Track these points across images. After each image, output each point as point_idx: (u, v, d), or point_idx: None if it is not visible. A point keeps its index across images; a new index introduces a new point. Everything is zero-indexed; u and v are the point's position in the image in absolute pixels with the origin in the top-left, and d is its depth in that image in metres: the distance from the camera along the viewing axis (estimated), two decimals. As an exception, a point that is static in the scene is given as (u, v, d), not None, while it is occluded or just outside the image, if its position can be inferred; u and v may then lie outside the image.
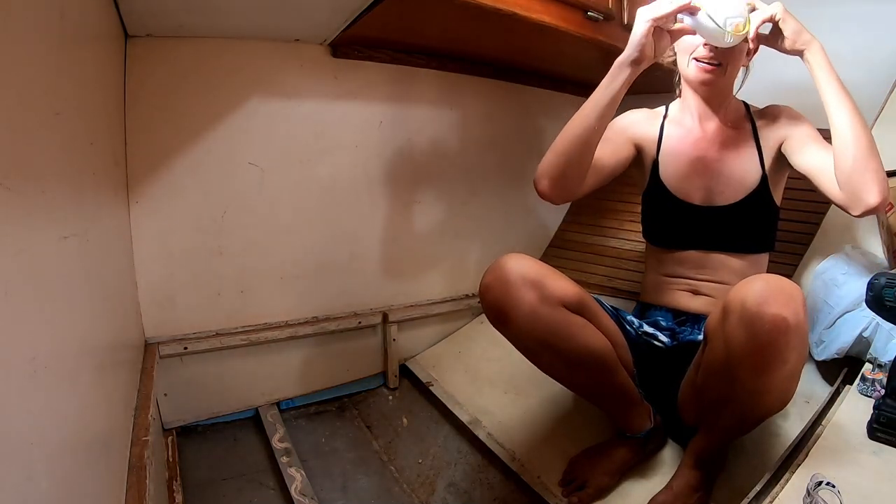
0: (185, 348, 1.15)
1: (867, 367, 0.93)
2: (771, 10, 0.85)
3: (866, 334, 0.95)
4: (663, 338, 1.01)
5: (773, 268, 1.08)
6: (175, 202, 1.12)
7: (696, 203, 1.02)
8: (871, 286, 0.81)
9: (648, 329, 1.02)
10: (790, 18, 0.85)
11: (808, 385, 1.03)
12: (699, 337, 0.97)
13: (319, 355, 1.36)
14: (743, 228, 1.00)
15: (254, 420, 1.28)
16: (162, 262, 1.13)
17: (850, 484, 0.69)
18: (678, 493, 0.87)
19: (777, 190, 1.01)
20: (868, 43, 1.27)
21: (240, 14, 1.03)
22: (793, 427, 0.94)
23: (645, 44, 0.85)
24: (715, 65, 0.91)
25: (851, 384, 0.95)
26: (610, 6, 1.22)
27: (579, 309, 0.90)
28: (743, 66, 0.98)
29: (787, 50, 0.86)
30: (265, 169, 1.21)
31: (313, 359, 1.35)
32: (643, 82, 0.92)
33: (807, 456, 0.77)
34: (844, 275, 1.01)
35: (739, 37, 0.85)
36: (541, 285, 0.85)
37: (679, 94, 1.07)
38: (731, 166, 0.99)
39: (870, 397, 0.89)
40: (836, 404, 0.91)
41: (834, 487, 0.68)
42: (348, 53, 1.25)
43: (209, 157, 1.14)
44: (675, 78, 1.06)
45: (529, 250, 1.71)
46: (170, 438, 1.13)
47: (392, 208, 1.42)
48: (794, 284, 0.73)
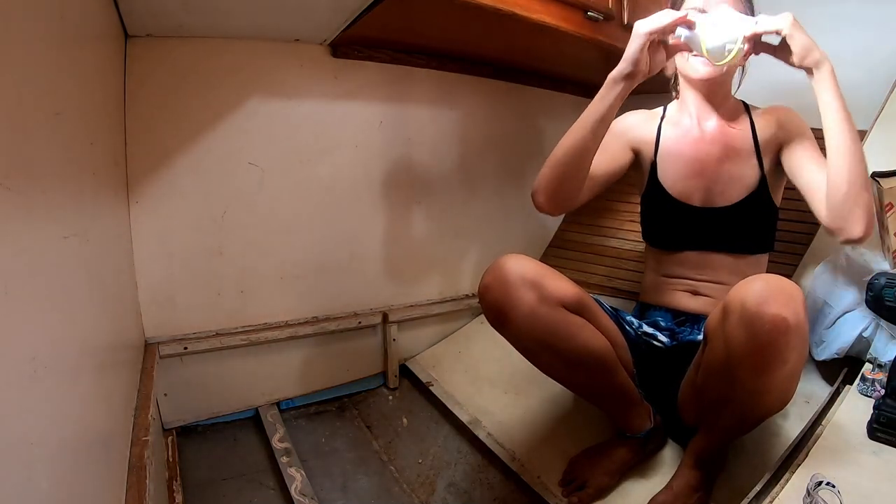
0: (185, 348, 1.15)
1: (867, 367, 0.93)
2: (778, 24, 0.80)
3: (866, 334, 0.95)
4: (663, 338, 1.01)
5: (773, 268, 1.08)
6: (175, 202, 1.12)
7: (695, 204, 1.01)
8: (871, 286, 0.81)
9: (648, 329, 1.02)
10: (799, 33, 0.79)
11: (808, 385, 1.03)
12: (699, 337, 0.97)
13: (319, 355, 1.36)
14: (742, 229, 1.00)
15: (254, 420, 1.28)
16: (162, 262, 1.13)
17: (850, 484, 0.69)
18: (678, 493, 0.87)
19: (776, 191, 1.00)
20: (868, 43, 1.27)
21: (240, 14, 1.03)
22: (793, 427, 0.94)
23: (640, 58, 0.83)
24: None
25: (851, 384, 0.95)
26: (610, 6, 1.22)
27: (579, 309, 0.90)
28: (739, 66, 0.98)
29: (795, 65, 0.82)
30: (265, 169, 1.21)
31: (313, 359, 1.35)
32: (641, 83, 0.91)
33: (807, 456, 0.77)
34: (844, 274, 1.01)
35: (734, 62, 0.84)
36: (540, 285, 0.86)
37: (676, 96, 1.07)
38: (730, 167, 0.99)
39: (870, 397, 0.89)
40: (836, 404, 0.91)
41: (834, 487, 0.68)
42: (348, 53, 1.26)
43: (209, 157, 1.14)
44: (671, 80, 1.06)
45: (529, 250, 1.71)
46: (170, 438, 1.13)
47: (392, 208, 1.42)
48: (794, 284, 0.73)
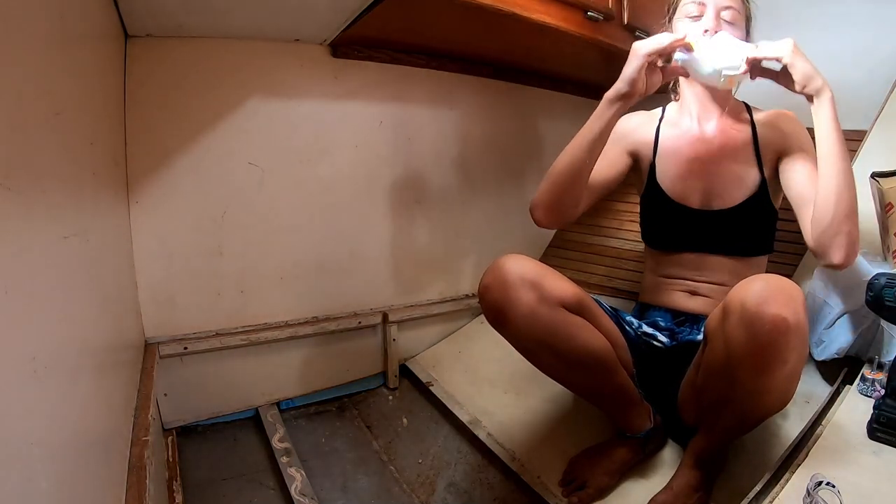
0: (185, 348, 1.15)
1: (867, 367, 0.93)
2: (779, 51, 0.79)
3: (866, 334, 0.95)
4: (662, 338, 1.01)
5: (773, 268, 1.08)
6: (175, 202, 1.12)
7: (693, 206, 1.01)
8: (871, 286, 0.81)
9: (648, 329, 1.02)
10: (800, 61, 0.79)
11: (808, 385, 1.03)
12: (698, 337, 0.97)
13: (319, 355, 1.36)
14: (741, 232, 1.00)
15: (254, 420, 1.28)
16: (162, 262, 1.13)
17: (850, 484, 0.69)
18: (678, 493, 0.87)
19: (776, 194, 1.00)
20: (868, 43, 1.27)
21: (240, 14, 1.03)
22: (793, 427, 0.94)
23: (637, 79, 0.84)
24: None
25: (851, 384, 0.95)
26: (610, 6, 1.22)
27: (578, 309, 0.90)
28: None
29: (796, 91, 0.82)
30: (265, 169, 1.21)
31: (313, 359, 1.35)
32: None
33: (807, 456, 0.77)
34: (844, 275, 1.01)
35: (731, 86, 0.85)
36: (539, 286, 0.85)
37: (676, 99, 1.07)
38: (730, 169, 0.99)
39: (870, 397, 0.89)
40: (836, 404, 0.91)
41: (834, 487, 0.68)
42: (348, 53, 1.26)
43: (209, 157, 1.14)
44: (671, 83, 1.06)
45: (529, 250, 1.71)
46: (170, 438, 1.13)
47: (392, 208, 1.42)
48: (794, 284, 0.73)
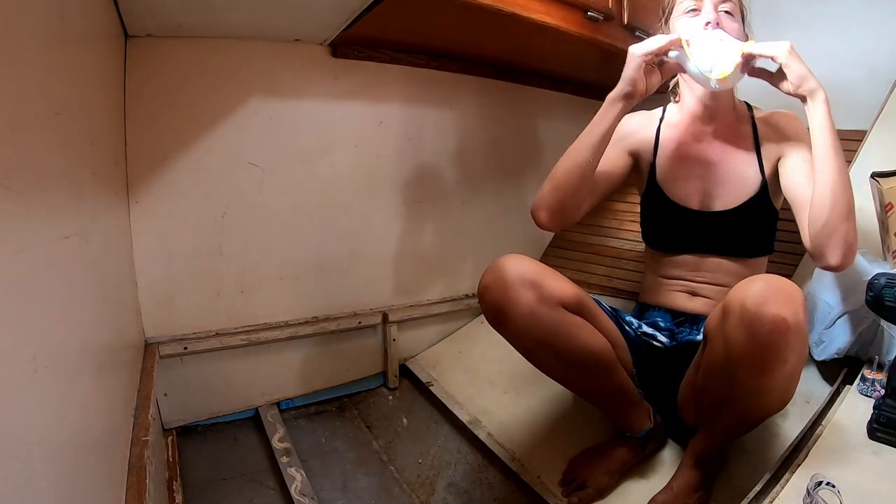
0: (185, 348, 1.15)
1: (867, 367, 0.93)
2: (775, 51, 0.81)
3: (866, 334, 0.95)
4: (662, 338, 1.01)
5: (773, 268, 1.08)
6: (175, 202, 1.12)
7: (694, 208, 1.01)
8: (871, 286, 0.81)
9: (647, 329, 1.02)
10: (795, 62, 0.80)
11: (808, 385, 1.03)
12: (698, 337, 0.97)
13: (319, 355, 1.36)
14: (741, 233, 0.99)
15: (254, 420, 1.28)
16: (162, 262, 1.13)
17: (850, 484, 0.69)
18: (678, 493, 0.87)
19: (777, 195, 0.99)
20: (868, 43, 1.27)
21: (240, 14, 1.03)
22: (793, 427, 0.94)
23: (637, 79, 0.88)
24: None
25: (851, 384, 0.95)
26: (610, 6, 1.22)
27: (578, 309, 0.90)
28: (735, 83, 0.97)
29: (790, 93, 0.83)
30: (265, 169, 1.21)
31: (313, 359, 1.35)
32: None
33: (807, 456, 0.77)
34: (844, 275, 1.01)
35: (726, 85, 0.86)
36: (539, 285, 0.85)
37: (676, 101, 1.07)
38: (730, 170, 0.98)
39: (870, 397, 0.89)
40: (836, 404, 0.91)
41: (834, 487, 0.68)
42: (348, 53, 1.26)
43: (209, 157, 1.14)
44: (671, 85, 1.06)
45: (530, 250, 1.71)
46: (170, 438, 1.13)
47: (392, 208, 1.42)
48: (794, 285, 0.73)
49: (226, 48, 1.12)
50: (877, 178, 0.97)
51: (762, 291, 0.71)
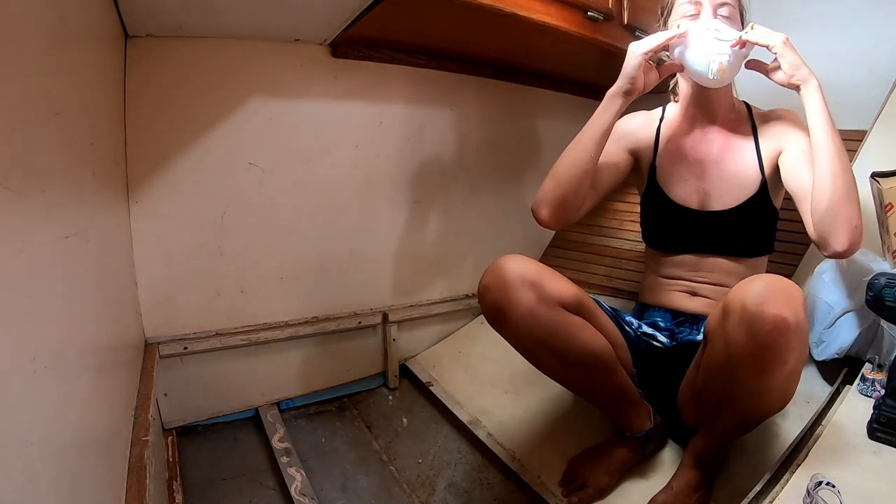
0: (185, 348, 1.15)
1: (867, 367, 0.93)
2: (770, 40, 0.83)
3: (866, 334, 0.95)
4: (662, 338, 1.01)
5: (773, 268, 1.08)
6: (175, 202, 1.12)
7: (694, 207, 1.01)
8: (871, 286, 0.81)
9: (647, 329, 1.02)
10: (789, 53, 0.83)
11: (808, 385, 1.03)
12: (698, 337, 0.97)
13: (319, 355, 1.36)
14: (741, 233, 0.99)
15: (254, 420, 1.28)
16: (162, 262, 1.13)
17: (850, 484, 0.69)
18: (678, 493, 0.87)
19: (777, 194, 0.99)
20: (868, 43, 1.27)
21: (240, 14, 1.03)
22: (793, 427, 0.94)
23: (637, 77, 0.90)
24: None
25: (851, 384, 0.95)
26: (610, 6, 1.22)
27: (578, 309, 0.90)
28: (733, 76, 0.97)
29: (784, 83, 0.86)
30: (265, 169, 1.21)
31: (313, 359, 1.35)
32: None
33: (807, 456, 0.77)
34: (844, 275, 1.01)
35: (724, 77, 0.87)
36: (539, 286, 0.85)
37: (675, 100, 1.07)
38: (730, 170, 0.99)
39: (870, 397, 0.89)
40: (836, 404, 0.91)
41: (834, 487, 0.68)
42: (348, 53, 1.26)
43: (209, 157, 1.14)
44: (671, 85, 1.06)
45: (529, 250, 1.71)
46: (170, 438, 1.13)
47: (392, 208, 1.42)
48: (794, 284, 0.73)
49: (226, 48, 1.12)
50: (877, 178, 0.97)
51: (763, 291, 0.71)
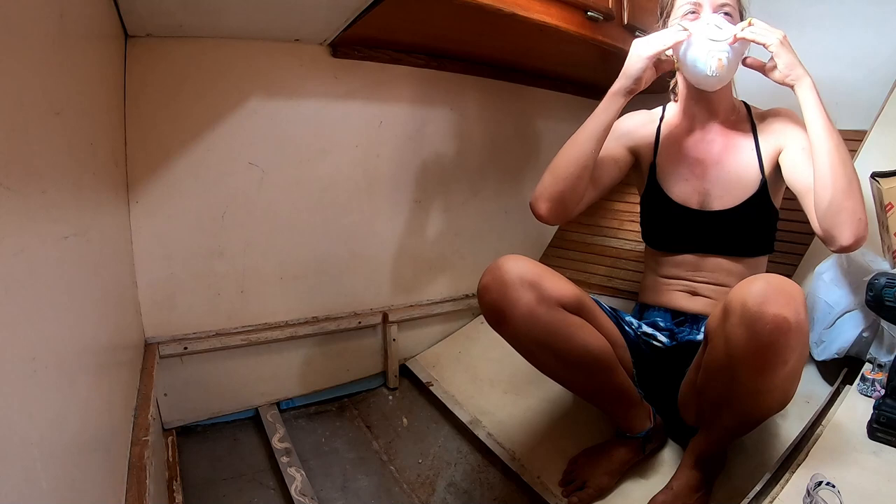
0: (185, 348, 1.15)
1: (867, 367, 0.93)
2: (766, 38, 0.84)
3: (866, 334, 0.95)
4: (662, 338, 1.01)
5: (773, 268, 1.08)
6: (175, 202, 1.12)
7: (694, 207, 1.01)
8: (871, 286, 0.81)
9: (647, 329, 1.02)
10: (784, 52, 0.84)
11: (808, 385, 1.03)
12: (698, 337, 0.97)
13: (319, 355, 1.36)
14: (741, 233, 1.00)
15: (254, 420, 1.28)
16: (162, 262, 1.13)
17: (850, 484, 0.69)
18: (678, 493, 0.87)
19: (777, 193, 1.00)
20: (868, 43, 1.27)
21: (240, 14, 1.03)
22: (793, 427, 0.94)
23: (642, 77, 0.92)
24: None
25: (851, 384, 0.95)
26: (610, 6, 1.22)
27: (577, 309, 0.90)
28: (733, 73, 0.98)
29: (778, 81, 0.87)
30: (265, 169, 1.21)
31: (313, 359, 1.35)
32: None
33: (807, 456, 0.77)
34: (844, 274, 1.01)
35: (723, 74, 0.88)
36: (538, 286, 0.85)
37: (675, 100, 1.07)
38: (730, 170, 0.99)
39: (870, 397, 0.89)
40: (836, 404, 0.91)
41: (834, 487, 0.68)
42: (348, 53, 1.25)
43: (209, 158, 1.14)
44: (671, 84, 1.06)
45: (529, 250, 1.71)
46: (170, 438, 1.13)
47: (392, 208, 1.42)
48: (795, 284, 0.73)
49: (226, 48, 1.12)
50: (877, 179, 0.97)
51: (763, 291, 0.71)
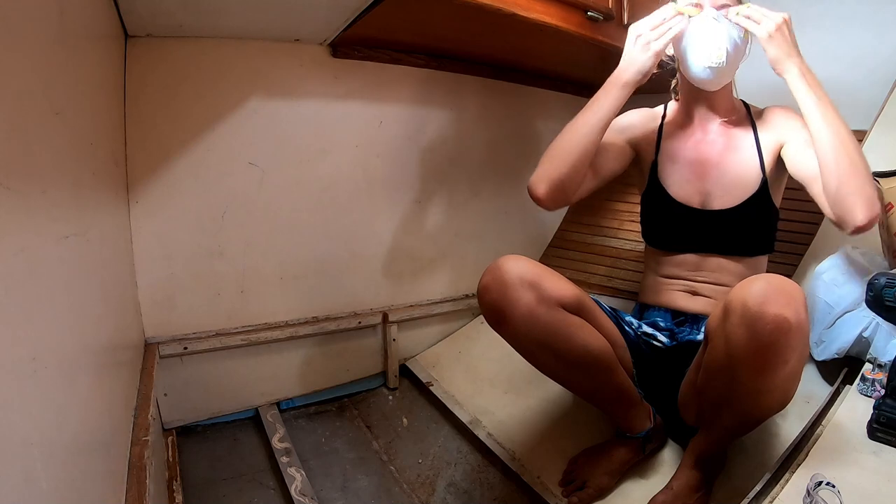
0: (185, 348, 1.15)
1: (867, 367, 0.93)
2: (756, 30, 0.86)
3: (866, 334, 0.95)
4: (662, 338, 1.01)
5: (773, 268, 1.08)
6: (175, 202, 1.12)
7: (695, 206, 1.01)
8: (871, 286, 0.80)
9: (647, 329, 1.02)
10: (772, 46, 0.85)
11: (808, 385, 1.03)
12: (698, 337, 0.97)
13: (319, 355, 1.36)
14: (742, 232, 1.00)
15: (254, 420, 1.28)
16: (162, 262, 1.13)
17: (850, 484, 0.69)
18: (678, 493, 0.87)
19: (777, 193, 1.00)
20: (868, 43, 1.27)
21: (240, 14, 1.03)
22: (793, 427, 0.94)
23: (649, 72, 0.92)
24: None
25: (851, 384, 0.95)
26: (610, 6, 1.22)
27: (577, 309, 0.90)
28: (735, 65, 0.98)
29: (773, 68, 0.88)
30: (265, 169, 1.21)
31: (313, 359, 1.35)
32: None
33: (807, 456, 0.77)
34: (844, 275, 1.01)
35: (721, 59, 0.89)
36: (538, 286, 0.85)
37: (676, 99, 1.07)
38: (731, 169, 0.99)
39: (870, 397, 0.89)
40: (836, 404, 0.91)
41: (834, 487, 0.68)
42: (348, 53, 1.26)
43: (209, 157, 1.14)
44: (673, 84, 1.06)
45: (529, 250, 1.71)
46: (170, 438, 1.13)
47: (392, 208, 1.42)
48: (795, 284, 0.72)
49: (226, 48, 1.12)
50: (877, 179, 0.97)
51: (764, 291, 0.70)
